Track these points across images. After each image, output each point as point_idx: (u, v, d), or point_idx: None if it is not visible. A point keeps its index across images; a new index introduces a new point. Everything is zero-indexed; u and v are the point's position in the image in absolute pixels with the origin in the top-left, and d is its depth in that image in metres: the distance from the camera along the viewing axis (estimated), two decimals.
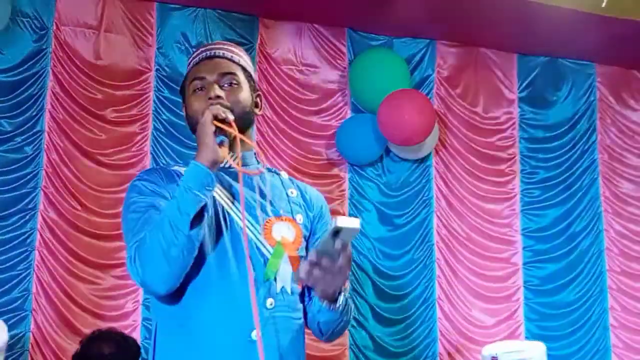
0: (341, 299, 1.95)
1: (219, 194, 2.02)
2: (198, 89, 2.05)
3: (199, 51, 2.13)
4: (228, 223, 1.98)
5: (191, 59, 2.13)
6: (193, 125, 2.02)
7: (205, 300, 1.93)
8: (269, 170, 2.17)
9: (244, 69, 2.11)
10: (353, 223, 1.74)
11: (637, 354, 5.75)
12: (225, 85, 2.05)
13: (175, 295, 1.95)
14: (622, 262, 5.87)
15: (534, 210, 5.79)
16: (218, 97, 1.99)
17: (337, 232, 1.74)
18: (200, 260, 1.94)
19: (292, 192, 2.13)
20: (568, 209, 5.84)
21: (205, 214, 1.87)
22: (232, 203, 2.01)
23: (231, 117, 1.94)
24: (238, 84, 2.07)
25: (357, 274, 5.34)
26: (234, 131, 1.92)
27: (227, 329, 1.90)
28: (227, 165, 2.05)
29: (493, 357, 3.11)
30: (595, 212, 5.88)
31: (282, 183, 2.15)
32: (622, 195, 5.98)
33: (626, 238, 5.92)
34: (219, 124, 1.91)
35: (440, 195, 5.59)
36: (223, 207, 2.00)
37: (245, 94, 2.07)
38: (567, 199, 5.85)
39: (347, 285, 1.95)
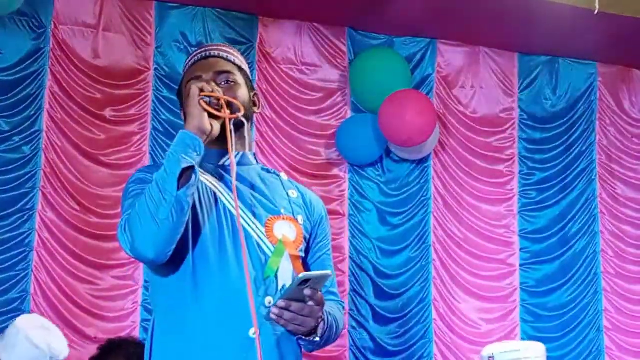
0: (319, 330, 1.95)
1: (220, 192, 2.01)
2: None
3: (193, 54, 2.14)
4: (230, 220, 1.98)
5: (186, 62, 2.14)
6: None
7: (203, 297, 1.92)
8: (268, 171, 2.17)
9: (240, 68, 2.11)
10: (322, 273, 1.83)
11: (630, 356, 5.74)
12: (222, 83, 2.05)
13: (174, 291, 1.94)
14: (617, 264, 5.86)
15: (532, 211, 5.78)
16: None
17: (304, 282, 1.80)
18: (201, 256, 1.94)
19: (292, 193, 2.13)
20: (565, 210, 5.82)
21: (194, 176, 1.86)
22: (233, 200, 2.00)
23: (219, 92, 1.95)
24: (235, 82, 2.07)
25: (357, 273, 5.32)
26: (220, 96, 1.93)
27: (225, 326, 1.90)
28: (227, 164, 2.05)
29: (490, 357, 3.08)
30: (592, 213, 5.87)
31: (282, 184, 2.14)
32: (618, 197, 5.96)
33: (621, 240, 5.90)
34: (207, 94, 1.92)
35: (437, 195, 5.58)
36: (225, 205, 2.00)
37: (242, 92, 2.07)
38: (565, 200, 5.83)
39: (324, 315, 1.96)
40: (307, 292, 1.82)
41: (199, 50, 2.13)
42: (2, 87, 4.70)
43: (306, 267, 2.08)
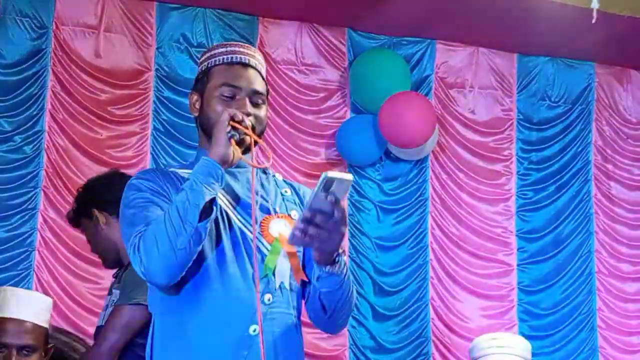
0: (341, 260, 1.92)
1: (219, 193, 2.01)
2: (227, 96, 2.03)
3: (229, 49, 2.10)
4: (226, 221, 1.99)
5: (219, 53, 2.09)
6: (209, 125, 2.02)
7: (203, 297, 1.93)
8: (264, 172, 2.17)
9: (266, 85, 2.13)
10: (345, 175, 1.74)
11: (623, 354, 5.77)
12: (253, 103, 2.04)
13: (173, 291, 1.95)
14: (611, 264, 5.89)
15: (529, 211, 5.81)
16: (248, 114, 1.99)
17: (328, 185, 1.73)
18: (199, 256, 1.94)
19: (286, 192, 2.14)
20: (560, 210, 5.85)
21: (214, 208, 1.88)
22: (230, 202, 2.02)
23: (248, 123, 1.94)
24: (263, 102, 2.08)
25: (356, 272, 5.34)
26: (250, 133, 1.93)
27: (225, 324, 1.91)
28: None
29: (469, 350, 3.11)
30: (586, 213, 5.90)
31: (276, 183, 2.16)
32: (612, 197, 5.99)
33: (615, 240, 5.94)
34: (236, 125, 1.92)
35: (435, 195, 5.61)
36: (222, 207, 2.00)
37: (264, 112, 2.08)
38: (560, 200, 5.86)
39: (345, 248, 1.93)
40: (330, 198, 1.75)
41: (237, 50, 2.09)
42: (4, 88, 4.72)
43: (303, 262, 2.07)
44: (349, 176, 1.75)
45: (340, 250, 1.90)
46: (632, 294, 5.90)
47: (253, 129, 1.96)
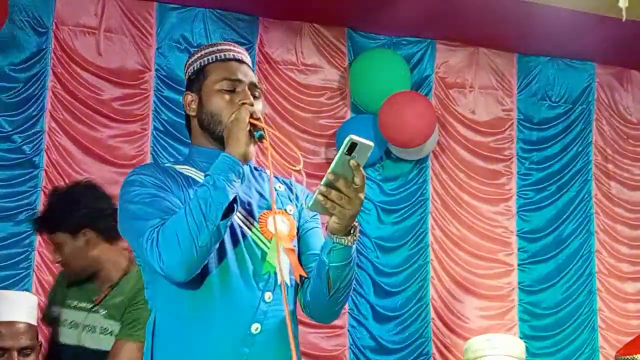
0: (356, 232, 1.92)
1: None
2: (228, 90, 2.05)
3: (221, 48, 2.12)
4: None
5: (210, 52, 2.11)
6: (212, 121, 2.04)
7: (204, 294, 1.94)
8: (256, 169, 2.20)
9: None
10: (367, 141, 1.74)
11: None
12: (252, 95, 2.07)
13: (175, 291, 1.95)
14: (611, 264, 5.89)
15: (530, 211, 5.80)
16: (252, 105, 2.02)
17: (351, 148, 1.73)
18: None
19: (279, 187, 2.16)
20: (561, 210, 5.85)
21: (235, 206, 1.89)
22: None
23: (263, 121, 1.99)
24: (259, 97, 2.10)
25: (356, 273, 5.33)
26: (271, 129, 1.96)
27: (227, 322, 1.92)
28: None
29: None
30: (587, 213, 5.90)
31: (269, 180, 2.16)
32: (613, 197, 5.99)
33: (615, 240, 5.94)
34: (256, 122, 1.95)
35: (436, 195, 5.60)
36: None
37: (262, 106, 2.10)
38: (561, 200, 5.86)
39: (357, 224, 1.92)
40: (353, 163, 1.76)
41: (229, 49, 2.12)
42: (4, 88, 4.72)
43: (299, 254, 2.09)
44: (370, 142, 1.75)
45: (355, 222, 1.90)
46: (632, 294, 5.91)
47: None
